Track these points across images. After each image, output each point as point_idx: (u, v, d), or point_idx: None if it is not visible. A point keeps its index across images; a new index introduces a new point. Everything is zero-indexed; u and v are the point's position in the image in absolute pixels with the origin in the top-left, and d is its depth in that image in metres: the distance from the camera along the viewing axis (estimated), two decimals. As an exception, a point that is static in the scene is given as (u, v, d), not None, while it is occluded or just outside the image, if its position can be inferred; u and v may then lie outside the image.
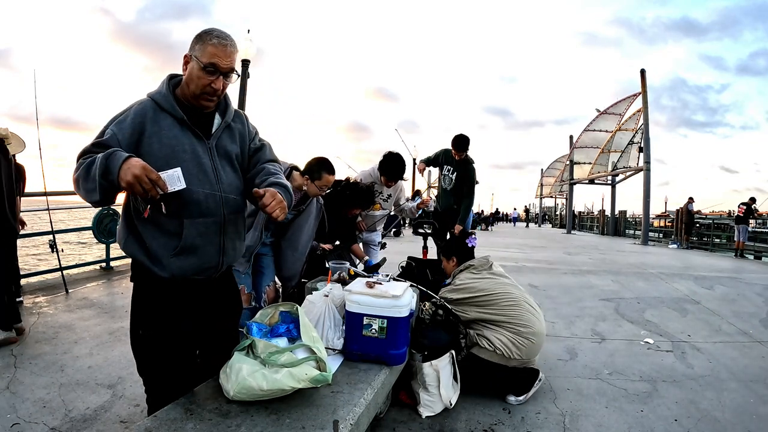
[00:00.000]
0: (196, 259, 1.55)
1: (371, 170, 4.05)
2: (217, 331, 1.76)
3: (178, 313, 1.60)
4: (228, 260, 1.66)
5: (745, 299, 5.46)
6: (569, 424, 2.38)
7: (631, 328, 4.12)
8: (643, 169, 16.57)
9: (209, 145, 1.54)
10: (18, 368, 2.77)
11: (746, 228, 12.01)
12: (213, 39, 1.46)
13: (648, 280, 6.49)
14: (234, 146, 1.62)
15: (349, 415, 1.44)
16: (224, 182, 1.55)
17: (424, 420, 2.35)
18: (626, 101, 20.10)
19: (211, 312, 1.72)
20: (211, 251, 1.57)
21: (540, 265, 8.00)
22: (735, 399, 2.73)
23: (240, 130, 1.65)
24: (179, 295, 1.59)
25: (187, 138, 1.50)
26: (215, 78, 1.47)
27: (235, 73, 1.52)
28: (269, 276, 2.94)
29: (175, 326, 1.60)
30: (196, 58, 1.46)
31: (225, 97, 1.62)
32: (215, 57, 1.45)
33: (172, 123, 1.49)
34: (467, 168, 4.75)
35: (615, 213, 23.04)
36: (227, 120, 1.61)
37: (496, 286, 2.70)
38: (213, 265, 1.60)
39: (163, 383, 1.62)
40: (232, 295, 1.83)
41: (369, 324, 1.95)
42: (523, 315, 2.61)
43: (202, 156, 1.51)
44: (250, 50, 8.50)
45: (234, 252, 1.68)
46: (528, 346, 2.57)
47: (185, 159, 1.47)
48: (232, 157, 1.60)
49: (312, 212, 2.88)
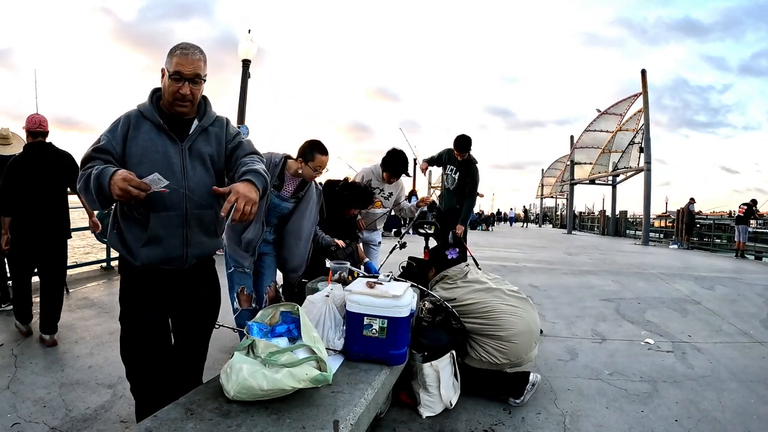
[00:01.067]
0: (162, 249, 1.70)
1: (373, 167, 4.04)
2: (187, 324, 1.85)
3: (147, 301, 1.75)
4: (194, 252, 1.76)
5: (746, 300, 5.46)
6: (569, 425, 2.38)
7: (632, 329, 4.12)
8: (643, 169, 16.57)
9: (182, 147, 1.70)
10: (18, 368, 2.77)
11: (746, 228, 12.00)
12: (177, 50, 1.65)
13: (648, 281, 6.49)
14: (209, 148, 1.76)
15: (349, 415, 1.44)
16: (191, 180, 1.69)
17: (425, 420, 2.35)
18: (627, 101, 20.08)
19: (182, 304, 1.82)
20: (174, 242, 1.71)
21: (540, 265, 8.00)
22: (735, 399, 2.73)
23: (217, 134, 1.80)
24: (150, 284, 1.74)
25: (161, 140, 1.68)
26: (181, 84, 1.63)
27: (200, 78, 1.67)
28: (270, 276, 2.91)
29: (144, 314, 1.75)
30: (166, 69, 1.66)
31: (204, 104, 1.79)
32: (179, 65, 1.62)
33: (150, 128, 1.68)
34: (470, 168, 4.75)
35: (615, 213, 23.03)
36: (204, 124, 1.76)
37: (471, 294, 2.66)
38: (178, 255, 1.73)
39: (138, 370, 1.79)
40: (206, 290, 1.90)
41: (369, 324, 1.95)
42: (501, 319, 2.55)
43: (172, 156, 1.68)
44: (251, 50, 8.51)
45: (201, 245, 1.78)
46: (512, 349, 2.53)
47: (156, 159, 1.65)
48: (205, 158, 1.74)
49: (312, 198, 2.84)
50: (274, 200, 2.71)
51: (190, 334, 1.86)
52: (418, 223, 4.09)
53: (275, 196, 2.70)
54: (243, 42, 8.47)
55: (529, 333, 2.59)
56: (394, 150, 3.88)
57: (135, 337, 1.77)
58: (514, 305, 2.64)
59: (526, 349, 2.58)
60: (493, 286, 2.75)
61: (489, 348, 2.55)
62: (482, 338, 2.57)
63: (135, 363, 1.79)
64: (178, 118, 1.72)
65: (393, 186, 4.06)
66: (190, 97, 1.66)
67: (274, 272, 2.96)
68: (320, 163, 2.69)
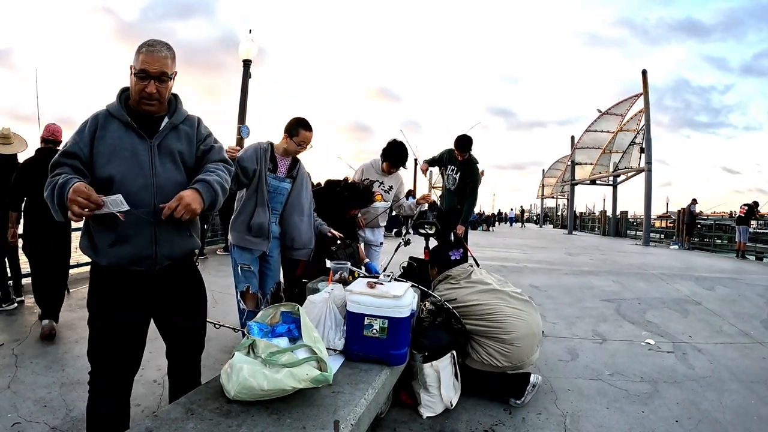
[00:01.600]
0: (130, 248, 1.64)
1: (372, 161, 4.04)
2: (172, 328, 1.81)
3: (118, 303, 1.68)
4: (164, 251, 1.69)
5: (746, 300, 5.45)
6: (570, 425, 2.38)
7: (632, 329, 4.12)
8: (644, 169, 16.55)
9: (151, 144, 1.67)
10: (19, 367, 2.78)
11: (747, 229, 11.99)
12: (144, 48, 1.62)
13: (649, 281, 6.49)
14: (179, 145, 1.73)
15: (350, 416, 1.44)
16: (161, 176, 1.66)
17: (425, 420, 2.35)
18: (628, 102, 20.07)
19: (163, 307, 1.77)
20: (143, 241, 1.65)
21: (541, 265, 8.00)
22: (736, 400, 2.73)
23: (188, 132, 1.77)
24: (121, 286, 1.68)
25: (129, 138, 1.65)
26: (147, 83, 1.61)
27: (167, 77, 1.65)
28: (273, 278, 2.96)
29: (115, 316, 1.68)
30: (133, 67, 1.63)
31: (174, 102, 1.77)
32: (145, 63, 1.60)
33: (118, 126, 1.66)
34: (471, 168, 4.75)
35: (616, 214, 23.01)
36: (174, 122, 1.73)
37: (475, 295, 2.65)
38: (147, 255, 1.66)
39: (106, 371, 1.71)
40: (187, 292, 1.83)
41: (370, 324, 1.95)
42: (504, 322, 2.54)
43: (141, 153, 1.65)
44: (252, 50, 8.51)
45: (171, 245, 1.71)
46: (515, 352, 2.51)
47: (125, 156, 1.63)
48: (176, 154, 1.71)
49: (304, 175, 2.97)
50: (273, 182, 2.80)
51: (175, 338, 1.82)
52: (419, 224, 4.08)
53: (273, 178, 2.79)
54: (244, 42, 8.48)
55: (531, 336, 2.58)
56: (394, 141, 3.89)
57: (105, 340, 1.69)
58: (518, 308, 2.63)
59: (528, 352, 2.57)
60: (498, 287, 2.73)
61: (491, 350, 2.53)
62: (484, 340, 2.56)
63: (103, 364, 1.71)
64: (148, 117, 1.69)
65: (393, 179, 4.04)
66: (156, 96, 1.64)
67: (278, 274, 3.01)
68: (304, 139, 2.80)
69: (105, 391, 1.71)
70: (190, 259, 1.86)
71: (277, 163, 2.83)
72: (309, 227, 2.95)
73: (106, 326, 1.69)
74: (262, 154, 2.73)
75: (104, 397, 1.71)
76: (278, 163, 2.83)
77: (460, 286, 2.73)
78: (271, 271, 2.94)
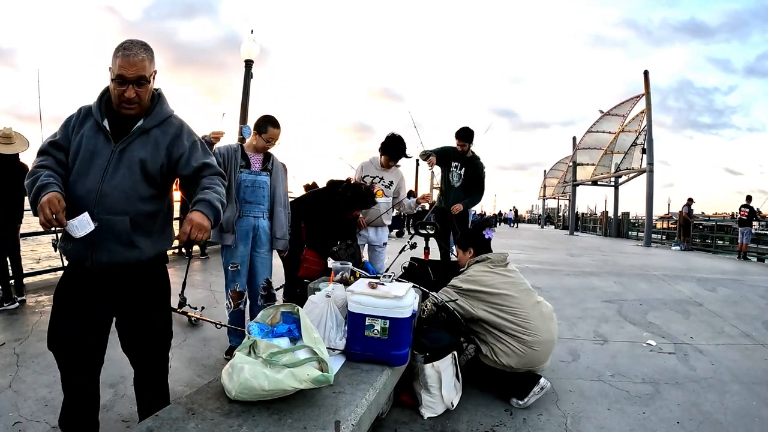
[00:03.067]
0: (72, 247, 1.68)
1: (370, 159, 4.05)
2: (129, 326, 1.80)
3: (78, 295, 1.72)
4: (100, 257, 1.67)
5: (748, 301, 5.44)
6: (571, 426, 2.37)
7: (634, 330, 4.11)
8: (646, 170, 16.52)
9: (113, 149, 1.66)
10: (20, 367, 2.78)
11: (750, 230, 11.97)
12: (120, 51, 1.59)
13: (650, 282, 6.48)
14: (143, 152, 1.68)
15: (350, 416, 1.44)
16: (109, 183, 1.64)
17: (426, 421, 2.35)
18: (629, 102, 20.04)
19: (122, 305, 1.77)
20: (80, 243, 1.63)
21: (543, 266, 7.98)
22: (737, 401, 2.72)
23: (157, 138, 1.72)
24: (80, 278, 1.73)
25: (96, 140, 1.66)
26: (125, 88, 1.60)
27: (145, 80, 1.62)
28: (263, 273, 3.07)
29: (75, 308, 1.72)
30: (111, 71, 1.62)
31: (156, 103, 1.74)
32: (122, 69, 1.58)
33: (91, 126, 1.68)
34: (476, 163, 4.69)
35: (618, 214, 22.98)
36: (145, 126, 1.70)
37: (508, 286, 2.64)
38: (85, 256, 1.67)
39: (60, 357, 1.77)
40: (143, 291, 1.80)
41: (371, 324, 1.95)
42: (530, 323, 2.53)
43: (100, 158, 1.65)
44: (254, 50, 8.52)
45: (110, 253, 1.67)
46: (531, 356, 2.51)
47: (84, 158, 1.65)
48: (135, 162, 1.67)
49: (279, 168, 3.13)
50: (249, 177, 2.95)
51: (131, 337, 1.81)
52: (419, 224, 4.07)
53: (248, 173, 2.96)
54: (246, 42, 8.48)
55: (550, 343, 2.60)
56: (392, 134, 3.88)
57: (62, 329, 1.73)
58: (546, 313, 2.65)
59: (543, 359, 2.58)
60: (531, 287, 2.75)
61: (507, 348, 2.52)
62: (502, 335, 2.55)
63: (59, 353, 1.76)
64: (124, 118, 1.69)
65: (393, 175, 4.03)
66: (136, 100, 1.63)
67: (269, 270, 3.12)
68: (272, 136, 2.98)
69: (69, 375, 1.78)
70: (147, 265, 1.78)
71: (249, 160, 2.99)
72: (285, 218, 3.09)
73: (63, 310, 1.74)
74: (232, 153, 2.91)
75: (69, 379, 1.79)
76: (251, 159, 3.00)
77: (495, 272, 2.71)
78: (261, 267, 3.06)
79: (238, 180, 2.91)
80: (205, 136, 2.64)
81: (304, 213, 3.33)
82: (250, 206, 2.94)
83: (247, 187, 2.93)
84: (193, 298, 4.30)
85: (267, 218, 3.02)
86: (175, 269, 6.02)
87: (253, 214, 2.95)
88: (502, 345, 2.54)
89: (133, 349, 1.83)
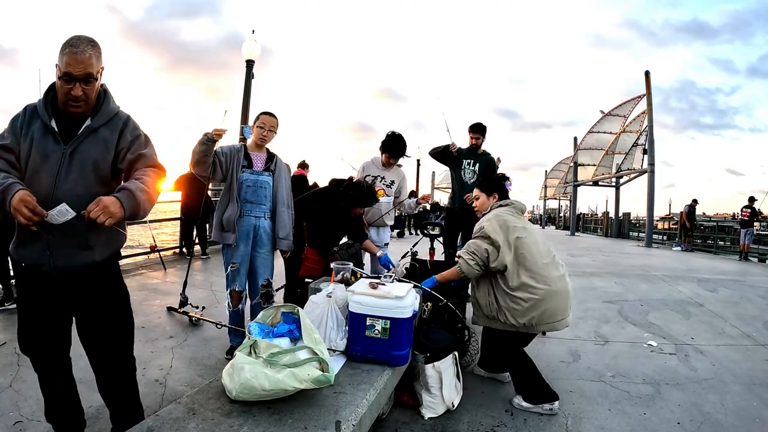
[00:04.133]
0: (27, 252, 1.67)
1: (371, 159, 4.04)
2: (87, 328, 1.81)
3: (35, 295, 1.73)
4: (58, 261, 1.66)
5: (749, 302, 5.43)
6: (572, 427, 2.37)
7: (635, 331, 4.11)
8: (647, 171, 16.50)
9: (64, 151, 1.62)
10: (21, 366, 2.78)
11: (752, 231, 11.95)
12: (66, 48, 1.54)
13: (651, 283, 6.47)
14: (93, 152, 1.66)
15: (351, 416, 1.45)
16: (62, 188, 1.61)
17: (427, 421, 2.35)
18: (631, 103, 20.01)
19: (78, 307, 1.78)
20: (37, 248, 1.64)
21: (543, 266, 7.97)
22: (738, 402, 2.72)
23: (106, 138, 1.69)
24: (34, 280, 1.71)
25: (45, 141, 1.61)
26: (72, 86, 1.57)
27: (93, 78, 1.59)
28: (264, 273, 3.08)
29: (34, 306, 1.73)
30: (57, 68, 1.57)
31: (103, 101, 1.70)
32: (69, 66, 1.54)
33: (39, 126, 1.62)
34: (489, 158, 4.56)
35: (619, 215, 22.96)
36: (93, 125, 1.67)
37: (525, 233, 2.62)
38: (41, 262, 1.66)
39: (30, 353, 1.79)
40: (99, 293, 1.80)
41: (372, 325, 1.95)
42: (549, 272, 2.57)
43: (51, 160, 1.61)
44: (255, 51, 8.52)
45: (67, 257, 1.67)
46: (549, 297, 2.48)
47: (35, 161, 1.60)
48: (87, 163, 1.65)
49: (283, 168, 3.15)
50: (251, 177, 2.96)
51: (90, 338, 1.82)
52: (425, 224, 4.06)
53: (250, 173, 2.97)
54: (247, 42, 8.49)
55: (566, 294, 2.59)
56: (392, 132, 3.87)
57: (27, 327, 1.75)
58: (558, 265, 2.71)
59: (561, 307, 2.54)
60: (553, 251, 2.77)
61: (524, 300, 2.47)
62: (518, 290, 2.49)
63: (28, 349, 1.78)
64: (74, 116, 1.65)
65: (394, 174, 4.01)
66: (83, 98, 1.60)
67: (270, 270, 3.12)
68: (264, 121, 3.00)
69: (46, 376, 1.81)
70: (102, 267, 1.78)
71: (251, 160, 2.99)
72: (288, 219, 3.10)
73: (27, 316, 1.75)
74: (235, 153, 2.93)
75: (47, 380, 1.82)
76: (253, 159, 3.00)
77: (516, 216, 2.72)
78: (261, 267, 3.06)
79: (240, 179, 2.91)
80: (207, 133, 2.64)
81: (307, 213, 3.33)
82: (252, 206, 2.95)
83: (248, 187, 2.94)
84: (193, 297, 4.30)
85: (268, 218, 3.02)
86: (176, 269, 6.02)
87: (254, 214, 2.95)
88: (519, 300, 2.48)
89: (93, 351, 1.84)
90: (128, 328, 1.89)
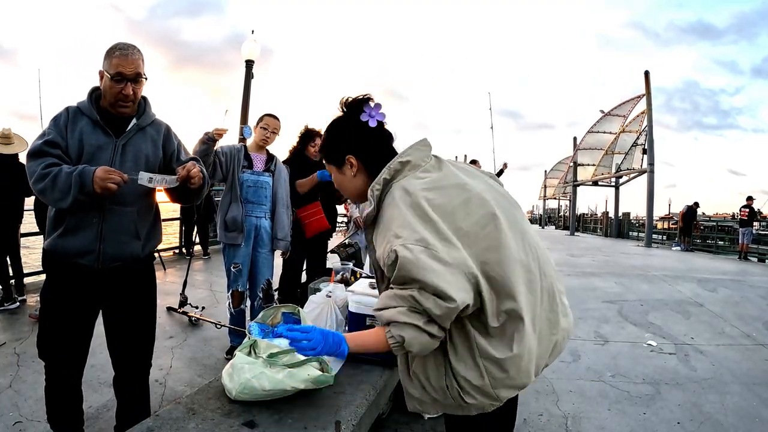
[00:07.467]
0: (76, 241, 1.68)
1: None
2: (115, 328, 1.85)
3: (67, 296, 1.73)
4: (109, 249, 1.71)
5: (749, 302, 5.44)
6: (571, 426, 2.37)
7: (634, 331, 4.11)
8: (646, 171, 16.50)
9: (116, 143, 1.72)
10: (21, 366, 2.78)
11: (751, 231, 11.96)
12: (116, 52, 1.66)
13: (651, 283, 6.48)
14: (145, 147, 1.78)
15: (351, 416, 1.44)
16: None
17: (426, 421, 2.35)
18: (630, 103, 20.00)
19: (109, 307, 1.82)
20: (89, 235, 1.68)
21: (543, 266, 7.97)
22: (738, 402, 2.72)
23: (154, 137, 1.82)
24: (69, 279, 1.73)
25: (96, 135, 1.70)
26: (124, 85, 1.66)
27: (142, 77, 1.70)
28: (265, 274, 3.10)
29: (63, 309, 1.74)
30: (106, 71, 1.67)
31: (144, 103, 1.82)
32: (120, 67, 1.65)
33: (87, 123, 1.71)
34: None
35: (618, 215, 22.96)
36: (141, 123, 1.79)
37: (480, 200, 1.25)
38: (91, 249, 1.69)
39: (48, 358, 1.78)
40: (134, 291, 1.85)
41: (372, 325, 1.94)
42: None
43: (104, 151, 1.70)
44: (255, 51, 8.52)
45: (118, 244, 1.73)
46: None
47: (90, 152, 1.68)
48: (141, 156, 1.76)
49: (282, 169, 3.19)
50: (251, 177, 2.99)
51: (117, 338, 1.86)
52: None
53: (251, 173, 3.00)
54: (247, 42, 8.48)
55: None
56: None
57: (53, 331, 1.75)
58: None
59: None
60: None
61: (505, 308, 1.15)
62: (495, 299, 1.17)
63: (48, 354, 1.77)
64: (116, 118, 1.74)
65: None
66: (132, 97, 1.69)
67: (270, 270, 3.15)
68: (268, 122, 3.05)
69: (54, 377, 1.79)
70: (142, 263, 1.85)
71: (252, 160, 3.02)
72: (286, 219, 3.13)
73: (54, 318, 1.74)
74: (235, 153, 2.95)
75: (54, 382, 1.79)
76: (253, 159, 3.03)
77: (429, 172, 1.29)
78: (262, 267, 3.08)
79: (241, 180, 2.93)
80: (207, 132, 2.64)
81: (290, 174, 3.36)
82: (252, 206, 2.96)
83: (249, 187, 2.95)
84: (194, 298, 4.31)
85: (269, 218, 3.03)
86: (176, 269, 6.02)
87: (255, 214, 2.97)
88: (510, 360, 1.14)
89: (118, 348, 1.86)
90: (154, 328, 1.94)
